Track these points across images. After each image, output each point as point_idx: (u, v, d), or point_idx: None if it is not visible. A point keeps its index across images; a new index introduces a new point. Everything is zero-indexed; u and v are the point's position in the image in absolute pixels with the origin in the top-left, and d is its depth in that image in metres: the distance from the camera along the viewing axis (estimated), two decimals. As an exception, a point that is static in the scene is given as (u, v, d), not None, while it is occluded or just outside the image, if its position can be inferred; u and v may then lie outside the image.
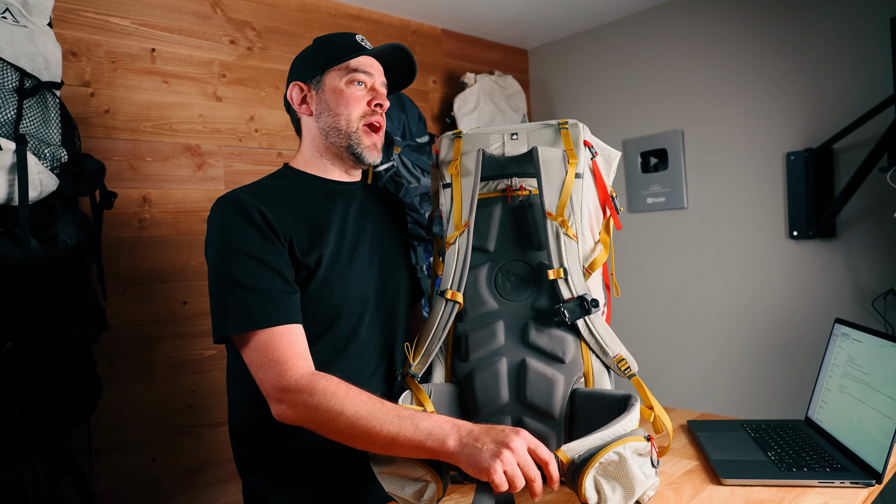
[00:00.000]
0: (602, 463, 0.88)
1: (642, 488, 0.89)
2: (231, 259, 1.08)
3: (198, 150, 2.21)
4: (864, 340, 1.23)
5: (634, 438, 0.90)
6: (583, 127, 1.23)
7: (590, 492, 0.88)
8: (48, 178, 1.50)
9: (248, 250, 1.08)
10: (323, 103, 1.22)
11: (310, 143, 1.25)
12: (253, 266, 1.08)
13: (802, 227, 2.42)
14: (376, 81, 1.23)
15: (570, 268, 1.14)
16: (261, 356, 1.04)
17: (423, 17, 2.88)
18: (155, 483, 2.06)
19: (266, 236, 1.10)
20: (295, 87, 1.25)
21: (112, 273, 1.97)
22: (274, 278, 1.08)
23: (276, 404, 1.03)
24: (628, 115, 2.98)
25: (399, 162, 2.52)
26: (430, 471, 0.93)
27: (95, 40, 1.99)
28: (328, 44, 1.24)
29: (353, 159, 1.23)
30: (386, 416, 0.95)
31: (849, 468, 1.09)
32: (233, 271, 1.07)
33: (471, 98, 2.90)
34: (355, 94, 1.20)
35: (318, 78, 1.22)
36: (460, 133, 1.28)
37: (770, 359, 2.55)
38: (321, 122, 1.22)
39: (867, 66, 2.26)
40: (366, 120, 1.21)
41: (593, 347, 1.13)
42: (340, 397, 0.98)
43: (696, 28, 2.74)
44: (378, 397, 0.99)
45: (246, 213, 1.11)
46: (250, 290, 1.06)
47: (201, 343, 2.18)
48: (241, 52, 2.32)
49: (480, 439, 0.89)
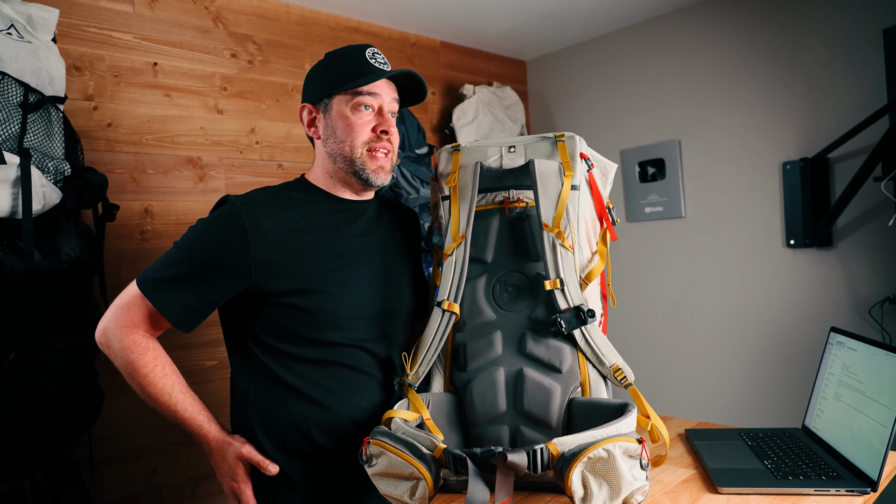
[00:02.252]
0: (591, 458, 0.89)
1: (629, 489, 0.90)
2: (191, 241, 1.17)
3: (199, 162, 2.23)
4: (858, 349, 1.24)
5: (625, 438, 0.91)
6: (579, 139, 1.24)
7: (576, 485, 0.89)
8: (51, 191, 1.52)
9: (200, 255, 1.16)
10: (329, 129, 1.22)
11: (321, 163, 1.27)
12: (189, 266, 1.15)
13: (799, 236, 2.44)
14: (384, 102, 1.22)
15: (567, 278, 1.15)
16: (125, 302, 1.17)
17: (423, 30, 2.91)
18: (156, 494, 2.06)
19: (219, 266, 1.15)
20: (304, 109, 1.26)
21: (114, 284, 1.98)
22: (191, 288, 1.15)
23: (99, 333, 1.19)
24: (626, 124, 3.00)
25: (398, 173, 2.54)
26: (420, 467, 0.95)
27: (98, 55, 2.01)
28: (337, 64, 1.22)
29: (361, 183, 1.24)
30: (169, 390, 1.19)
31: (844, 476, 1.10)
32: (181, 249, 1.17)
33: (469, 109, 2.92)
34: (361, 120, 1.20)
35: (325, 102, 1.22)
36: (459, 146, 1.30)
37: (768, 367, 2.56)
38: (328, 147, 1.23)
39: (862, 77, 2.29)
40: (370, 146, 1.20)
41: (590, 357, 1.15)
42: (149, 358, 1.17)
43: (693, 39, 2.77)
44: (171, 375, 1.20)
45: (227, 228, 1.15)
46: (174, 272, 1.16)
47: (202, 354, 2.19)
48: (242, 65, 2.35)
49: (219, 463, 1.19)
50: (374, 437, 1.00)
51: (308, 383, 1.18)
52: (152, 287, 1.15)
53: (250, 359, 1.21)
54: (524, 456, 0.92)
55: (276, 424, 1.19)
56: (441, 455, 0.96)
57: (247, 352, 1.21)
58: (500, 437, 1.16)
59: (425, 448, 0.98)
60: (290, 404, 1.18)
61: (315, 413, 1.18)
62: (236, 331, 1.23)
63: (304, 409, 1.18)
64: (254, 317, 1.19)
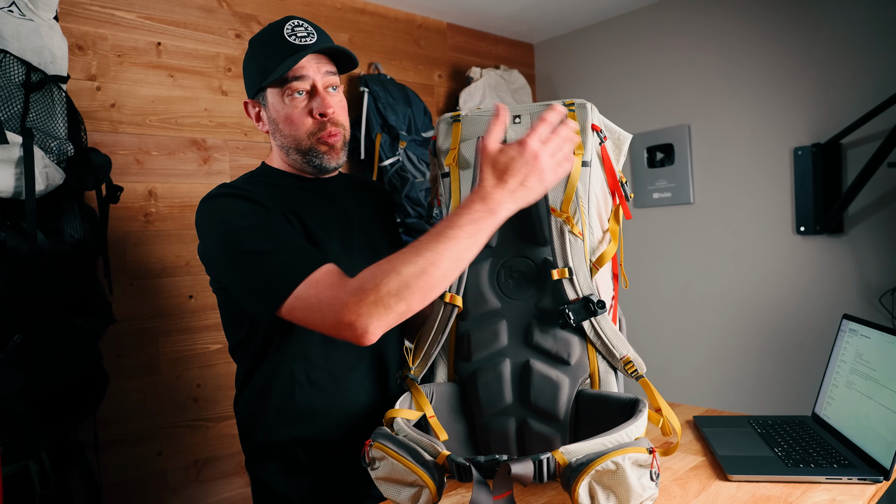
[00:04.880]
0: (599, 471, 0.86)
1: (638, 500, 0.87)
2: (240, 237, 1.05)
3: (203, 144, 2.21)
4: (872, 336, 1.22)
5: (636, 449, 0.87)
6: (591, 108, 1.12)
7: (583, 498, 0.86)
8: (54, 172, 1.51)
9: (253, 223, 1.06)
10: (273, 123, 1.19)
11: (277, 153, 1.24)
12: (264, 232, 1.04)
13: (810, 223, 2.41)
14: (316, 80, 1.14)
15: (576, 267, 1.09)
16: (311, 303, 0.98)
17: (429, 11, 2.87)
18: (161, 476, 2.07)
19: (266, 207, 1.08)
20: (247, 105, 1.22)
21: (118, 267, 1.97)
22: (290, 235, 1.06)
23: (351, 330, 0.94)
24: (635, 109, 2.97)
25: (405, 157, 2.52)
26: (423, 475, 0.91)
27: (101, 34, 1.99)
28: (258, 53, 1.16)
29: (316, 170, 1.21)
30: (431, 244, 0.94)
31: (856, 464, 1.08)
32: (246, 246, 1.03)
33: (476, 92, 2.89)
34: (296, 109, 1.14)
35: (261, 95, 1.18)
36: (459, 116, 1.20)
37: (776, 355, 2.55)
38: (277, 141, 1.20)
39: (875, 61, 2.24)
40: (316, 136, 1.16)
41: (599, 349, 1.10)
42: (385, 268, 0.94)
43: (704, 22, 2.72)
44: (410, 244, 0.97)
45: (238, 196, 1.10)
46: (274, 254, 1.02)
47: (207, 337, 2.19)
48: (246, 46, 2.31)
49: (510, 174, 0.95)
50: (376, 439, 0.96)
51: (310, 367, 1.16)
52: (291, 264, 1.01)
53: (252, 343, 1.19)
54: (530, 466, 0.88)
55: (279, 411, 1.17)
56: (445, 462, 0.93)
57: (248, 336, 1.19)
58: (507, 429, 1.13)
59: (428, 454, 0.93)
60: (293, 389, 1.17)
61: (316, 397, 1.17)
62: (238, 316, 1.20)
63: (308, 394, 1.16)
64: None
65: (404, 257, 0.94)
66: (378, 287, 0.93)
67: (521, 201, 0.96)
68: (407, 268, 0.93)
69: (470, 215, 0.94)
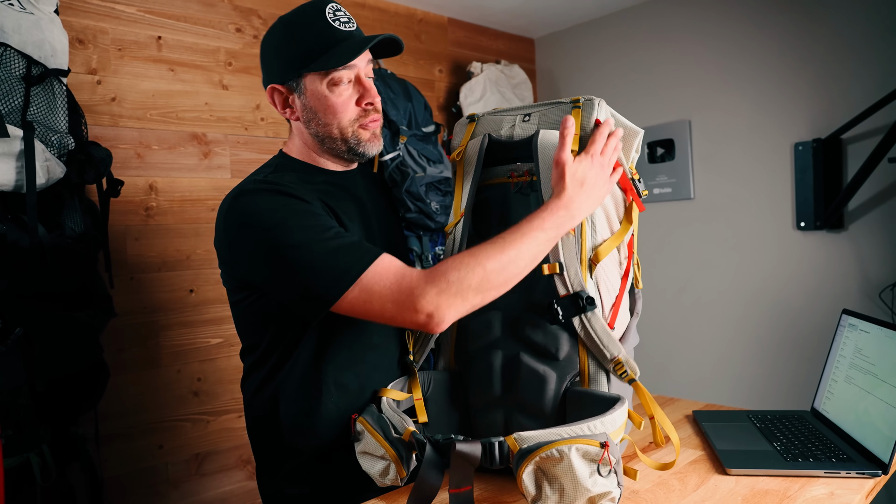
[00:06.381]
0: (543, 458, 0.85)
1: (586, 495, 0.85)
2: (286, 233, 1.00)
3: (204, 138, 2.21)
4: (871, 331, 1.22)
5: (586, 441, 0.85)
6: (598, 103, 1.10)
7: (528, 485, 0.86)
8: (55, 166, 1.51)
9: (299, 217, 1.02)
10: (310, 111, 1.13)
11: (302, 143, 1.19)
12: (312, 226, 1.01)
13: (810, 218, 2.41)
14: (361, 71, 1.12)
15: (567, 263, 1.07)
16: (378, 293, 0.97)
17: (430, 6, 2.87)
18: (162, 470, 2.07)
19: (307, 201, 1.05)
20: (273, 91, 1.15)
21: (119, 261, 1.97)
22: (338, 227, 1.04)
23: (428, 318, 0.95)
24: (635, 104, 2.96)
25: (405, 151, 2.51)
26: (389, 449, 0.95)
27: (102, 27, 1.98)
28: (300, 39, 1.10)
29: (356, 157, 1.18)
30: (515, 242, 0.98)
31: (855, 459, 1.09)
32: (294, 241, 1.00)
33: (477, 87, 2.88)
34: (341, 97, 1.11)
35: (296, 81, 1.12)
36: (475, 116, 1.23)
37: (776, 350, 2.55)
38: (311, 129, 1.15)
39: (876, 56, 2.24)
40: (360, 123, 1.14)
41: (589, 347, 1.07)
42: (468, 261, 0.97)
43: (704, 17, 2.71)
44: (492, 239, 1.00)
45: (276, 191, 1.06)
46: (328, 247, 0.99)
47: (207, 331, 2.19)
48: (247, 40, 2.31)
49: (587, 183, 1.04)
50: (362, 414, 1.02)
51: (338, 370, 1.13)
52: (351, 255, 0.99)
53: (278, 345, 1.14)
54: (478, 447, 0.88)
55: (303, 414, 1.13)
56: (410, 438, 0.95)
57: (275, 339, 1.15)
58: (495, 423, 1.14)
59: (396, 431, 0.97)
60: (321, 393, 1.12)
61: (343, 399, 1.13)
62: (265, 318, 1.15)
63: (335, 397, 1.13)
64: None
65: (488, 252, 0.97)
66: (461, 279, 0.95)
67: (595, 206, 1.06)
68: (491, 263, 0.96)
69: (554, 219, 1.01)
